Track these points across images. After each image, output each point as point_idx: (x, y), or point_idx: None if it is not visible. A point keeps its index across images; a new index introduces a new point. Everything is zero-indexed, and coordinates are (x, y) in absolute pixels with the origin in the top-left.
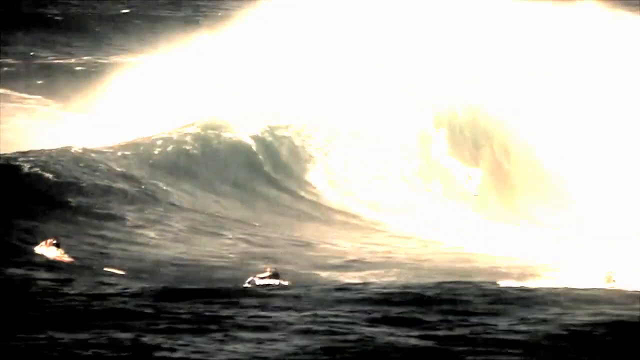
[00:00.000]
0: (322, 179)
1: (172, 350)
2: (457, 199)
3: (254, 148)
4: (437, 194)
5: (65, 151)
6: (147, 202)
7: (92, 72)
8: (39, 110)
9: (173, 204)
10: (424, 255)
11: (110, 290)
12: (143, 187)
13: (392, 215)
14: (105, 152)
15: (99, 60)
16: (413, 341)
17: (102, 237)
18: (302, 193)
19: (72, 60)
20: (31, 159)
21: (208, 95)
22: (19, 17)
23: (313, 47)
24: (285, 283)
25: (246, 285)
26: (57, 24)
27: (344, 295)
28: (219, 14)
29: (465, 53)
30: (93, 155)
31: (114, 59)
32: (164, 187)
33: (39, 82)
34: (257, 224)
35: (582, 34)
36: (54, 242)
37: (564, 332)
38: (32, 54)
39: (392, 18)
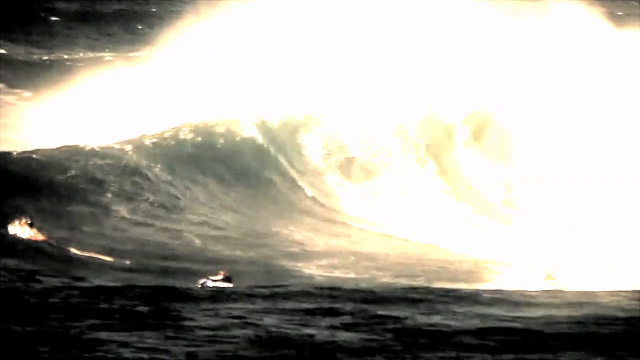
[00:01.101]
0: (314, 166)
1: (123, 345)
2: (452, 194)
3: (251, 132)
4: (433, 192)
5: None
6: (127, 181)
7: (60, 67)
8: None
9: (152, 182)
10: (379, 249)
11: (65, 284)
12: (124, 163)
13: (368, 209)
14: (94, 142)
15: (66, 55)
16: (353, 336)
17: (77, 215)
18: (289, 179)
19: (38, 54)
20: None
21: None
22: None
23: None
24: None
25: (198, 286)
26: (22, 17)
27: (291, 289)
28: (186, 8)
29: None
30: (85, 145)
31: (84, 54)
32: (149, 170)
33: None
34: (228, 209)
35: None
36: (28, 221)
37: (500, 329)
38: None
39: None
